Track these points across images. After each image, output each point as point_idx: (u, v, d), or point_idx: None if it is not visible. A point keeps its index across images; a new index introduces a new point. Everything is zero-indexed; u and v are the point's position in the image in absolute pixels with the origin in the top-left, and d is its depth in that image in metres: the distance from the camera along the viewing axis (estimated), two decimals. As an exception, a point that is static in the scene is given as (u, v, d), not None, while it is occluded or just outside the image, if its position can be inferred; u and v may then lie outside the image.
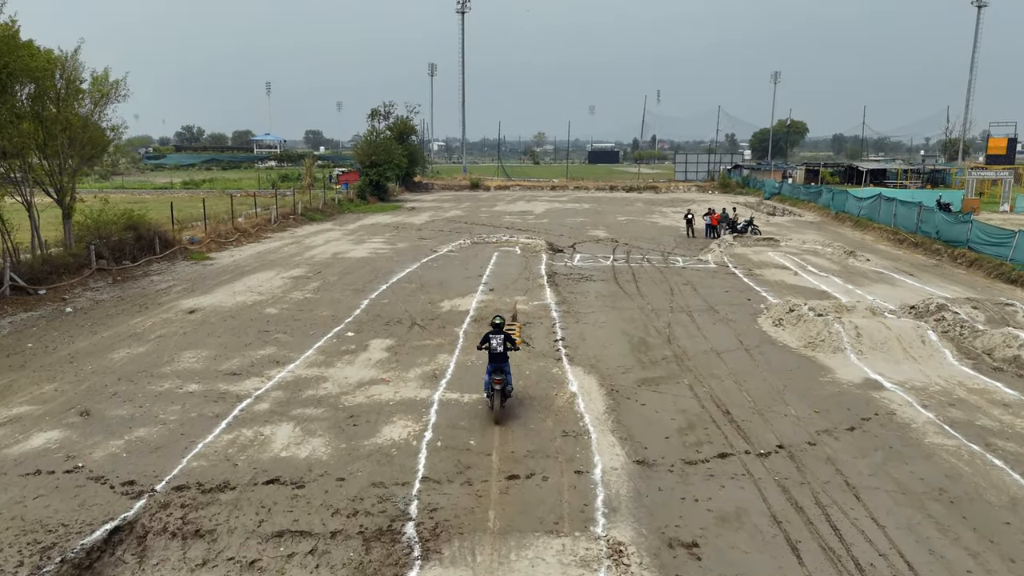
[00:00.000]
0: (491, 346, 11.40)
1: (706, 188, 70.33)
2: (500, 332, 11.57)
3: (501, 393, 11.24)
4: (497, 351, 11.35)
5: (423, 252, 29.21)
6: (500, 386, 11.15)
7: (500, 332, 11.57)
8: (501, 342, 11.42)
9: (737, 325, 17.61)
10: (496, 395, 11.18)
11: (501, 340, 11.44)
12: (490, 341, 11.45)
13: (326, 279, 23.31)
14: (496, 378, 11.15)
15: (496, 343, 11.39)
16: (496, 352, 11.34)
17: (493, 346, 11.38)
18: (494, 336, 11.48)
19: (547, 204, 54.67)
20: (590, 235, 35.43)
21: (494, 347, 11.36)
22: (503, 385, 11.21)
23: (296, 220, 39.24)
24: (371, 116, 65.27)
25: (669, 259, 27.99)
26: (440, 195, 64.73)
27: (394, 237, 34.21)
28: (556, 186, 72.18)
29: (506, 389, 11.34)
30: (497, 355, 11.34)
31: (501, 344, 11.40)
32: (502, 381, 11.19)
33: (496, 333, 11.54)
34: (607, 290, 21.81)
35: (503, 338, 11.49)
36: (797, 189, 54.51)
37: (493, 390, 11.16)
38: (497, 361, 11.33)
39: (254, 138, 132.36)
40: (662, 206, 53.66)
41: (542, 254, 28.76)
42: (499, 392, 11.19)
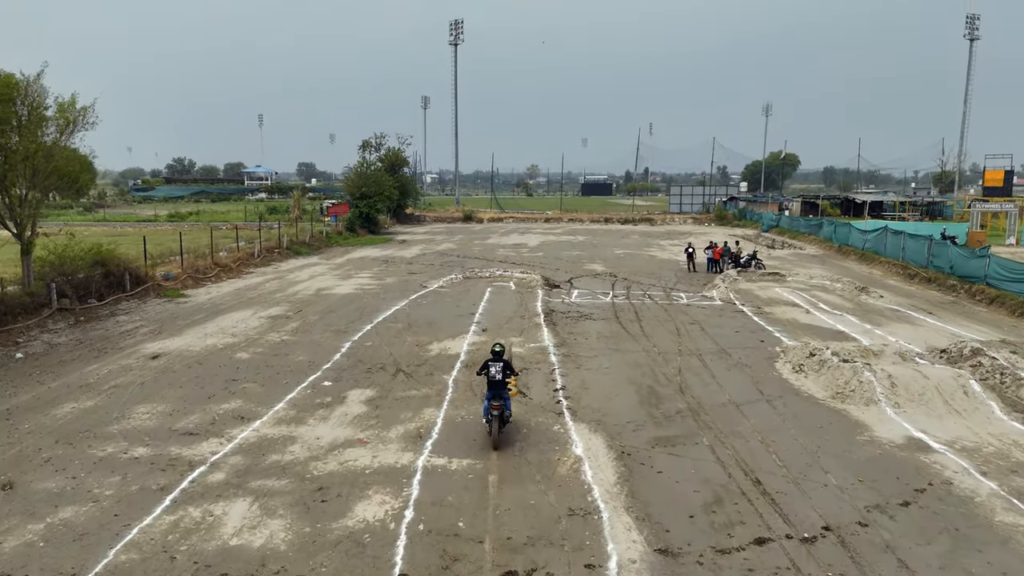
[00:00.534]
0: (490, 373, 11.53)
1: (702, 220, 69.32)
2: (500, 360, 11.69)
3: (499, 419, 11.32)
4: (496, 378, 11.47)
5: (412, 288, 27.67)
6: (498, 411, 11.24)
7: (500, 360, 11.69)
8: (500, 369, 11.56)
9: (753, 371, 16.05)
10: (494, 420, 11.24)
11: (500, 368, 11.59)
12: (489, 368, 11.59)
13: (307, 318, 21.70)
14: (494, 403, 11.25)
15: (495, 371, 11.53)
16: (495, 379, 11.46)
17: (492, 373, 11.51)
18: (493, 364, 11.62)
19: (541, 237, 53.38)
20: (587, 269, 34.00)
21: (493, 374, 11.50)
22: (501, 411, 11.30)
23: (281, 254, 37.69)
24: (362, 148, 64.25)
25: (672, 295, 26.51)
26: (432, 227, 63.43)
27: (382, 272, 32.68)
28: (550, 218, 71.06)
29: (504, 415, 11.44)
30: (496, 382, 11.46)
31: (500, 372, 11.53)
32: (500, 407, 11.27)
33: (495, 361, 11.67)
34: (609, 330, 20.26)
35: (502, 366, 11.62)
36: (796, 221, 53.44)
37: (491, 415, 11.24)
38: (496, 388, 11.44)
39: (245, 170, 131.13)
40: (659, 239, 52.43)
41: (538, 290, 27.26)
42: (497, 417, 11.26)
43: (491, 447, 11.23)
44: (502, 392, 11.47)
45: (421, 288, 27.67)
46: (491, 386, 11.50)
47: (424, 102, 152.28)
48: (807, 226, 50.14)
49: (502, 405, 11.36)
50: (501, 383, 11.49)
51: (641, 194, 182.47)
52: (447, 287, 28.10)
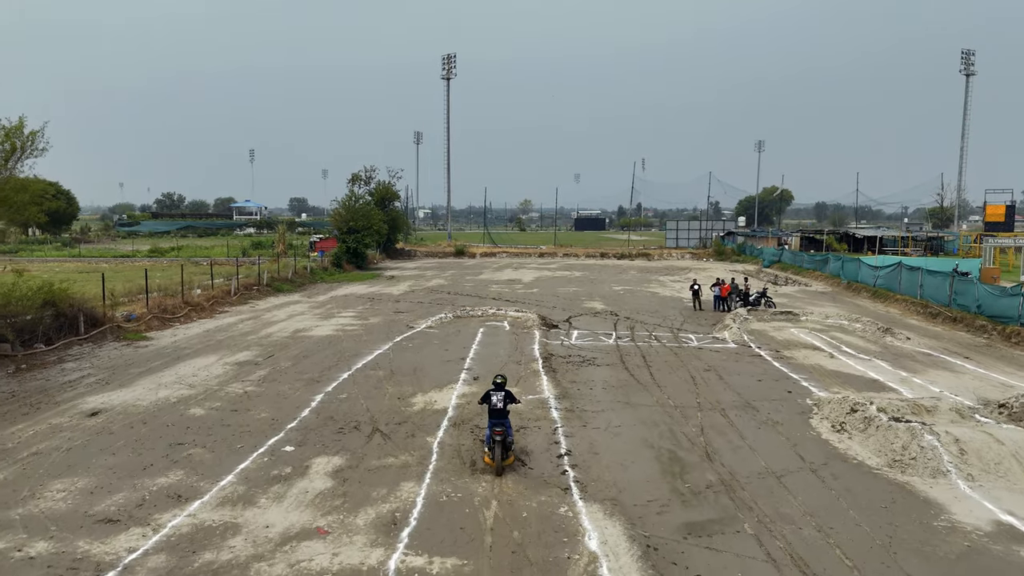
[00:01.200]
0: (491, 402, 11.74)
1: (700, 256, 67.59)
2: (501, 389, 11.91)
3: (502, 444, 11.43)
4: (497, 407, 11.69)
5: (398, 329, 25.45)
6: (501, 437, 11.38)
7: (501, 389, 11.91)
8: (502, 399, 11.77)
9: (787, 429, 13.87)
10: (497, 446, 11.34)
11: (502, 397, 11.79)
12: (491, 398, 11.80)
13: (277, 365, 19.42)
14: (497, 429, 11.40)
15: (496, 400, 11.74)
16: (496, 408, 11.68)
17: (494, 402, 11.71)
18: (495, 393, 11.83)
19: (536, 272, 51.37)
20: (586, 307, 31.89)
21: (495, 403, 11.70)
22: (504, 436, 11.44)
23: (261, 292, 35.46)
24: (351, 181, 62.51)
25: (680, 337, 24.38)
26: (423, 262, 61.41)
27: (367, 311, 30.47)
28: (544, 253, 69.22)
29: (507, 440, 11.56)
30: (497, 411, 11.66)
31: (502, 401, 11.74)
32: (503, 432, 11.42)
33: (497, 390, 11.88)
34: (616, 378, 18.07)
35: (504, 395, 11.82)
36: (799, 257, 51.67)
37: (494, 441, 11.36)
38: (498, 416, 11.60)
39: (234, 204, 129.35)
40: (658, 274, 50.51)
41: (534, 330, 25.10)
42: (500, 443, 11.37)
43: (494, 474, 11.25)
44: (503, 420, 11.58)
45: (407, 329, 25.46)
46: (492, 415, 11.62)
47: (417, 137, 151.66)
48: (811, 262, 48.34)
49: (504, 431, 11.45)
50: (502, 412, 11.66)
51: (634, 229, 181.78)
52: (436, 327, 25.90)
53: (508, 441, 11.65)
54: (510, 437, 11.75)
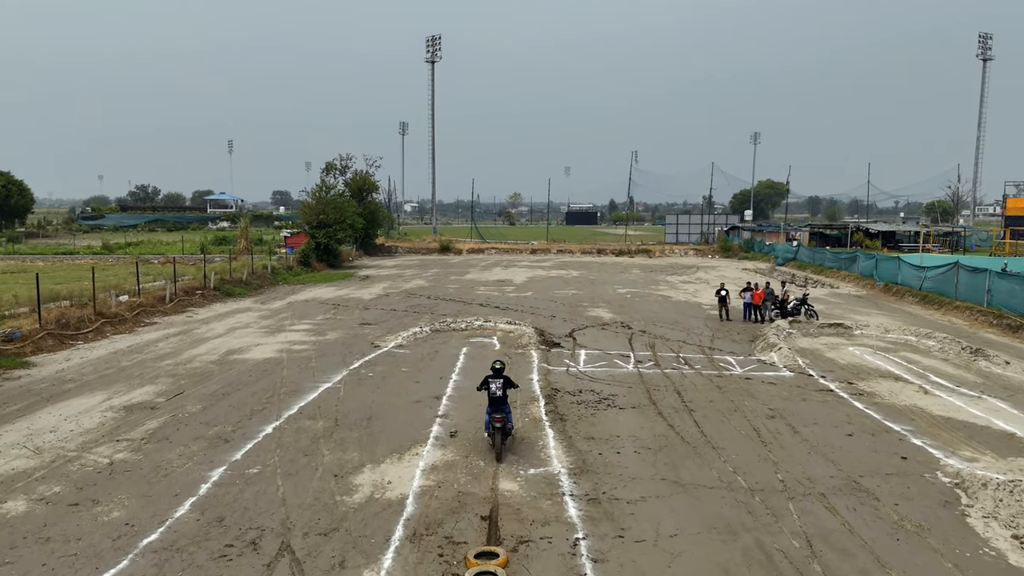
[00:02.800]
0: (491, 390, 11.44)
1: (705, 252, 62.61)
2: (500, 376, 11.60)
3: (502, 431, 11.27)
4: (497, 395, 11.37)
5: (359, 349, 20.20)
6: (501, 423, 11.21)
7: (500, 376, 11.60)
8: (501, 386, 11.46)
9: (941, 540, 8.76)
10: (497, 433, 11.17)
11: (501, 384, 11.49)
12: (489, 385, 11.51)
13: (182, 410, 14.12)
14: (496, 416, 11.21)
15: (496, 387, 11.44)
16: (496, 396, 11.35)
17: (492, 390, 11.41)
18: (493, 380, 11.53)
19: (529, 271, 46.16)
20: (591, 316, 26.71)
21: (494, 391, 11.40)
22: (504, 423, 11.26)
23: (206, 297, 30.05)
24: (325, 170, 57.04)
25: (716, 359, 19.28)
26: (404, 260, 56.05)
27: (327, 322, 25.15)
28: (536, 249, 64.01)
29: (507, 427, 11.39)
30: (497, 399, 11.34)
31: (501, 388, 11.45)
32: (503, 419, 11.23)
33: (496, 377, 11.59)
34: (651, 431, 12.91)
35: (502, 382, 11.52)
36: (819, 254, 46.67)
37: (494, 428, 11.17)
38: (497, 404, 11.29)
39: (209, 197, 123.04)
40: (664, 273, 45.42)
41: (531, 350, 19.95)
42: (500, 430, 11.18)
43: (495, 459, 11.04)
44: (503, 406, 11.37)
45: (371, 349, 20.19)
46: (492, 402, 11.34)
47: (402, 128, 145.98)
48: (835, 260, 43.38)
49: (504, 417, 11.28)
50: (502, 399, 11.37)
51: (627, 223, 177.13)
52: (407, 346, 20.64)
53: (508, 427, 11.51)
54: (510, 423, 11.56)
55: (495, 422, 11.21)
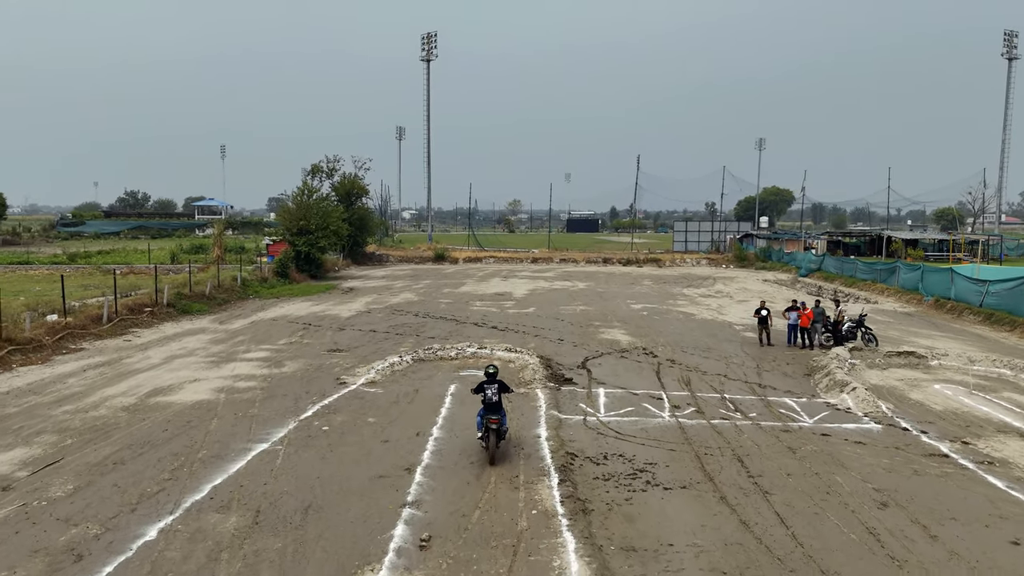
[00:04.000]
0: (486, 396, 11.28)
1: (718, 261, 58.45)
2: (495, 381, 11.44)
3: (496, 432, 11.13)
4: (493, 401, 11.25)
5: (319, 386, 16.01)
6: (496, 425, 11.08)
7: (495, 381, 11.44)
8: (496, 392, 11.33)
9: None
10: (491, 434, 11.09)
11: (496, 390, 11.35)
12: (485, 391, 11.33)
13: (41, 494, 9.92)
14: (492, 417, 11.08)
15: (491, 393, 11.29)
16: (492, 403, 11.24)
17: (488, 396, 11.27)
18: (489, 386, 11.35)
19: (530, 282, 41.97)
20: (605, 339, 22.54)
21: (489, 397, 11.27)
22: (499, 424, 11.15)
23: (156, 315, 25.83)
24: (311, 172, 52.89)
25: (771, 400, 15.11)
26: (395, 269, 51.87)
27: (290, 348, 20.96)
28: (538, 258, 59.85)
29: (501, 429, 11.25)
30: (493, 405, 11.24)
31: (496, 394, 11.31)
32: (498, 420, 11.12)
33: (490, 382, 11.40)
34: (716, 536, 8.71)
35: (498, 387, 11.40)
36: (849, 264, 42.46)
37: (488, 429, 11.09)
38: (492, 410, 11.20)
39: (196, 203, 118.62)
40: (678, 285, 41.24)
41: (536, 389, 15.80)
42: (494, 431, 11.10)
43: (488, 462, 10.98)
44: (498, 409, 11.20)
45: (335, 387, 16.00)
46: (487, 407, 11.21)
47: (399, 132, 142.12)
48: (869, 271, 39.20)
49: (499, 419, 11.13)
50: (498, 405, 11.26)
51: (629, 231, 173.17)
52: (381, 383, 16.43)
53: (502, 430, 11.34)
54: (504, 426, 11.44)
55: (490, 423, 11.08)
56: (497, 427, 11.09)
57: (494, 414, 11.13)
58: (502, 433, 11.31)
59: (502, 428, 11.27)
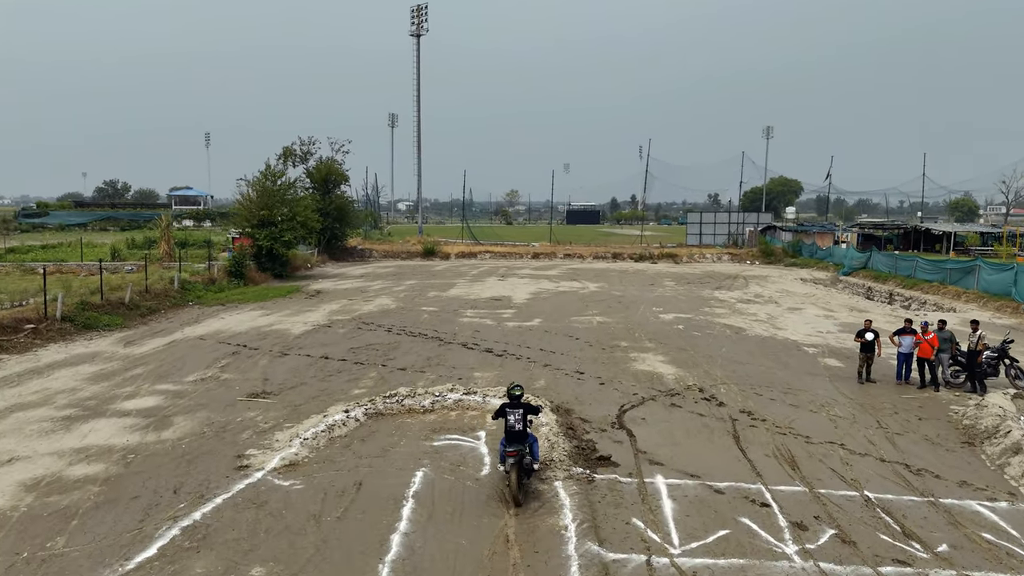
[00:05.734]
0: (508, 423, 9.27)
1: (741, 257, 52.22)
2: (519, 406, 9.36)
3: (518, 466, 9.02)
4: (516, 429, 9.20)
5: (202, 478, 9.79)
6: (516, 457, 9.01)
7: (519, 406, 9.36)
8: (520, 418, 9.25)
9: None
10: (513, 470, 9.00)
11: (520, 416, 9.27)
12: (507, 417, 9.32)
13: None
14: (510, 449, 9.06)
15: (514, 420, 9.23)
16: (515, 431, 9.19)
17: (511, 423, 9.24)
18: (512, 411, 9.32)
19: (532, 283, 35.69)
20: (642, 371, 16.33)
21: (512, 424, 9.22)
22: (520, 456, 9.03)
23: (40, 333, 19.55)
24: (282, 156, 46.58)
25: (950, 507, 8.94)
26: (377, 267, 45.55)
27: (194, 391, 14.70)
28: (539, 253, 53.51)
29: (525, 461, 9.13)
30: (516, 434, 9.18)
31: (520, 421, 9.24)
32: (518, 452, 9.02)
33: (514, 407, 9.35)
34: None
35: (523, 412, 9.32)
36: (907, 262, 36.14)
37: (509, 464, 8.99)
38: (516, 439, 9.15)
39: (174, 192, 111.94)
40: (706, 286, 35.00)
41: (555, 479, 9.65)
42: (516, 465, 9.00)
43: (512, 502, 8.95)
44: (524, 438, 9.20)
45: (228, 477, 9.77)
46: (510, 437, 9.22)
47: (391, 119, 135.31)
48: (935, 270, 32.96)
49: (520, 450, 9.08)
50: (522, 434, 9.21)
51: (631, 223, 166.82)
52: (304, 468, 10.18)
53: (527, 463, 9.22)
54: (530, 457, 9.27)
55: (509, 455, 9.01)
56: (519, 458, 9.03)
57: (517, 443, 9.14)
58: (528, 467, 9.27)
59: (526, 461, 9.19)
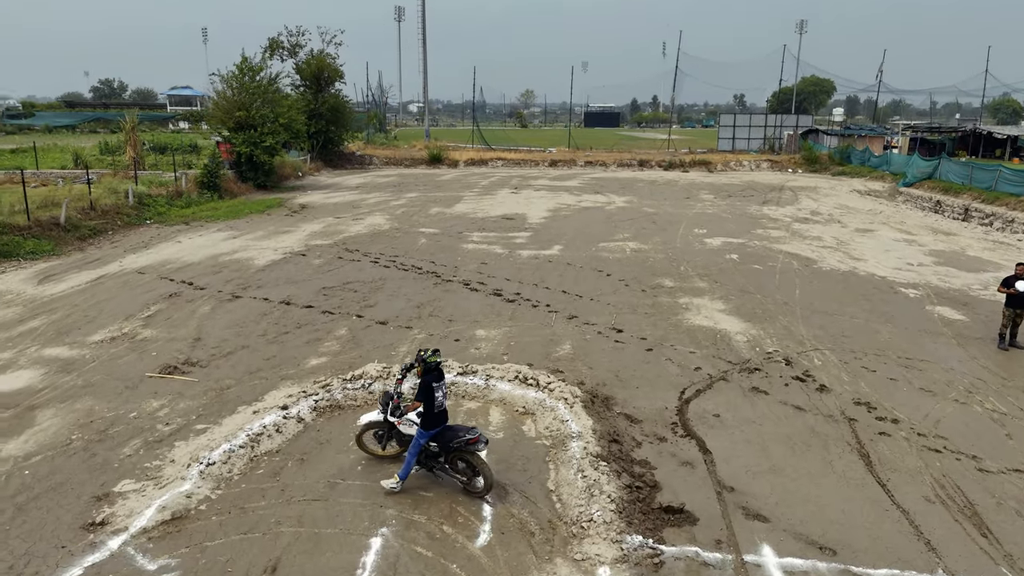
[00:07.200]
0: (437, 401, 6.94)
1: (782, 164, 46.91)
2: (442, 375, 7.10)
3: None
4: (443, 407, 7.05)
5: (22, 554, 5.94)
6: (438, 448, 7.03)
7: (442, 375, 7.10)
8: (445, 393, 7.15)
9: None
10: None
11: (445, 390, 7.17)
12: (435, 394, 6.91)
13: None
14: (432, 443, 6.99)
15: (442, 396, 7.00)
16: (443, 410, 7.04)
17: (439, 401, 6.97)
18: (439, 385, 6.96)
19: (550, 196, 31.14)
20: (699, 327, 12.22)
21: (440, 402, 6.98)
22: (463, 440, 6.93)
23: (-61, 264, 15.62)
24: (268, 49, 41.13)
25: None
26: (376, 175, 40.91)
27: (91, 362, 10.79)
28: (557, 160, 48.46)
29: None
30: (443, 414, 7.06)
31: (445, 397, 7.14)
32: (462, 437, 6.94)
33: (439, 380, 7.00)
34: None
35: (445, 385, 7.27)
36: (986, 172, 30.97)
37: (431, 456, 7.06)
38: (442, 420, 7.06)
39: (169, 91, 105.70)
40: (751, 200, 30.31)
41: (597, 568, 5.65)
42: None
43: None
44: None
45: (55, 562, 5.89)
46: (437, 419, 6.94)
47: (398, 13, 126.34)
48: (1020, 181, 27.96)
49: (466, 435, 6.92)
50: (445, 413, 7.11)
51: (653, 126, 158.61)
52: (190, 534, 6.26)
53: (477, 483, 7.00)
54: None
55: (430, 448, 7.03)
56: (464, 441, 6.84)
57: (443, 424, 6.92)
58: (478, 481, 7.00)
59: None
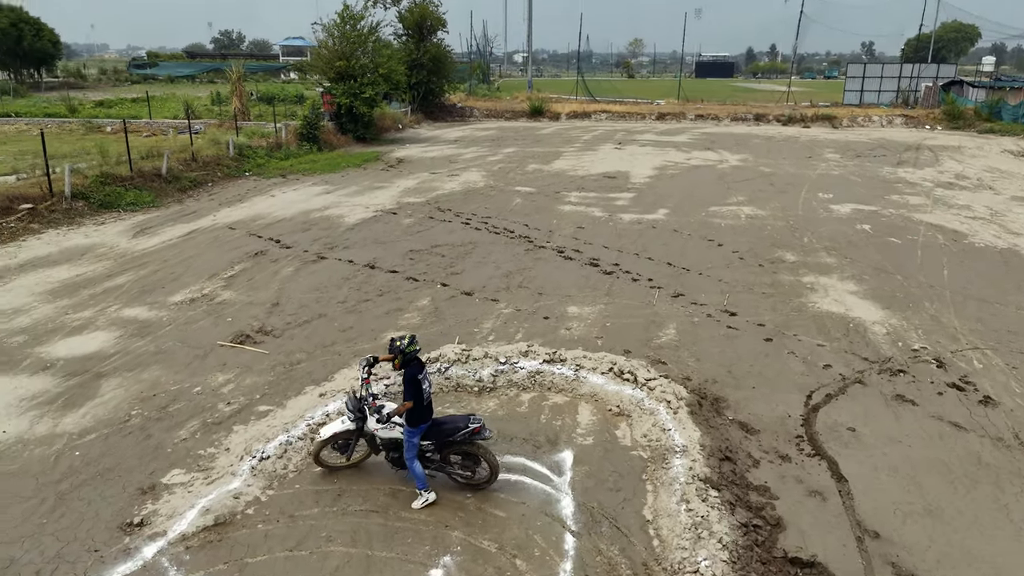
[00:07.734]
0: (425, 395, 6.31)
1: (919, 119, 42.33)
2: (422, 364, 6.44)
3: None
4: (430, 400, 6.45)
5: (53, 556, 5.40)
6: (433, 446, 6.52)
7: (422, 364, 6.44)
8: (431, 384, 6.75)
9: None
10: None
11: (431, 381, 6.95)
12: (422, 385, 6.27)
13: None
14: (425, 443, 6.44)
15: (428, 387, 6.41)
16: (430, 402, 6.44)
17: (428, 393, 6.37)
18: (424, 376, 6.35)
19: (656, 153, 29.15)
20: (827, 312, 10.53)
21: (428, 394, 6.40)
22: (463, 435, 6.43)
23: (39, 216, 15.92)
24: (370, -2, 40.37)
25: None
26: (476, 128, 39.87)
27: (176, 320, 10.41)
28: (665, 113, 45.76)
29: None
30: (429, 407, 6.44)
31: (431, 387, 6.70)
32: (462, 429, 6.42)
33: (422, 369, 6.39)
34: None
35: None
36: None
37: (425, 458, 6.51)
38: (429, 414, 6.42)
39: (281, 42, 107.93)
40: (882, 161, 27.20)
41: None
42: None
43: None
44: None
45: (84, 567, 5.30)
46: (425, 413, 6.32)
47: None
48: None
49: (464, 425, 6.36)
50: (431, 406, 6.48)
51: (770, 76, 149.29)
52: (229, 545, 5.53)
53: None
54: None
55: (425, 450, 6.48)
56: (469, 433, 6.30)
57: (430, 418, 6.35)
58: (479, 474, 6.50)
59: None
